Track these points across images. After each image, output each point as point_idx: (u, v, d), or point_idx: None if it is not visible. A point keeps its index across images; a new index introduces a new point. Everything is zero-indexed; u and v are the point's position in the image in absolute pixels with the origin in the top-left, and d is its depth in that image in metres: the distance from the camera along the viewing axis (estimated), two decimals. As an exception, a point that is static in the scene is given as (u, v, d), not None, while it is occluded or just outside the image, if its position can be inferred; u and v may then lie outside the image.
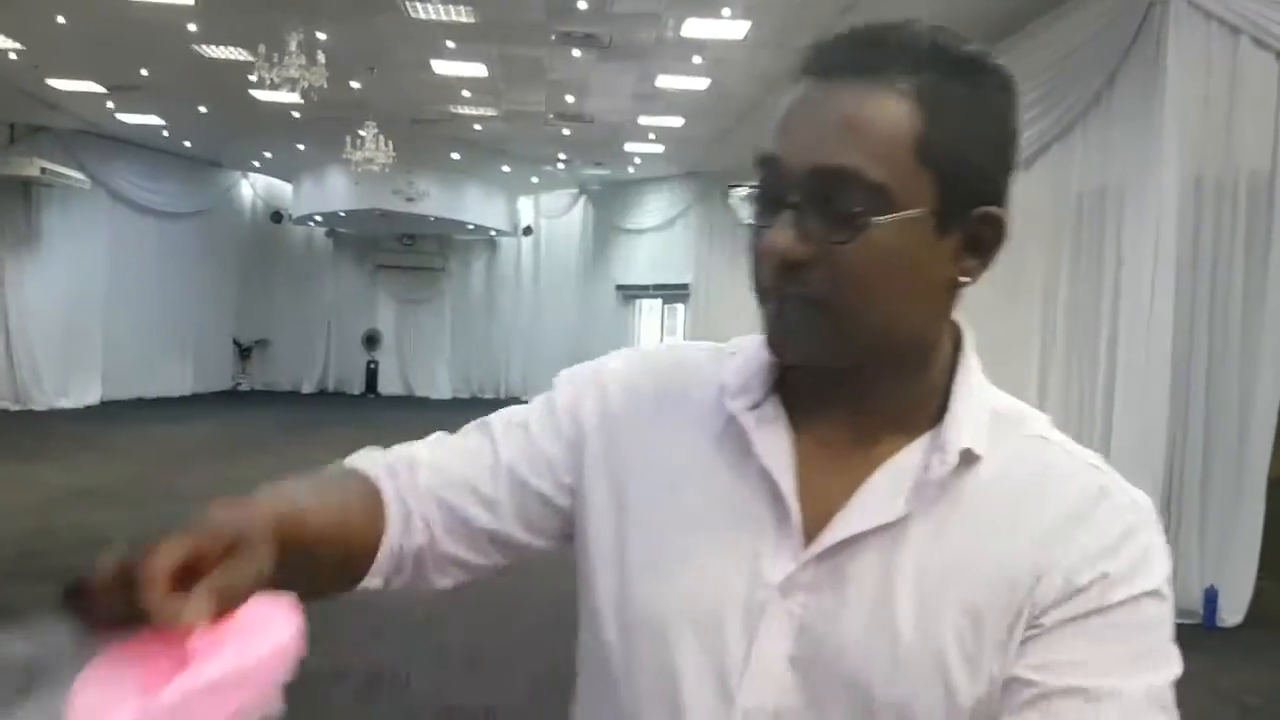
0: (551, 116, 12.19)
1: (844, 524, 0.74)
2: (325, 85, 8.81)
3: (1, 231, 13.41)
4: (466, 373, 19.07)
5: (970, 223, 0.72)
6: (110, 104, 12.24)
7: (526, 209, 18.65)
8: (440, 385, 18.89)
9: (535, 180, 17.27)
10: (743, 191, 0.74)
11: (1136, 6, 5.70)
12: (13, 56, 10.03)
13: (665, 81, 10.23)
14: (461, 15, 8.59)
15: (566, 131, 13.00)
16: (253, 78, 9.08)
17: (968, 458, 0.74)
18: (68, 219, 14.14)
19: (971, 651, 0.70)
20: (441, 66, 10.20)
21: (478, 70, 10.30)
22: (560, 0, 8.15)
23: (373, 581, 0.82)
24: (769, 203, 0.73)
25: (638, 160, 15.01)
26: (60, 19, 8.78)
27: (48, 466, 9.35)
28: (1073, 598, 0.69)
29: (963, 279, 0.74)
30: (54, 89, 11.36)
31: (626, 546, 0.81)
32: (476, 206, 17.17)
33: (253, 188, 18.37)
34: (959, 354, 0.79)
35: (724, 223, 14.69)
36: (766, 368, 0.81)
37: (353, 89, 10.98)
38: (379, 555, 0.81)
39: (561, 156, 15.06)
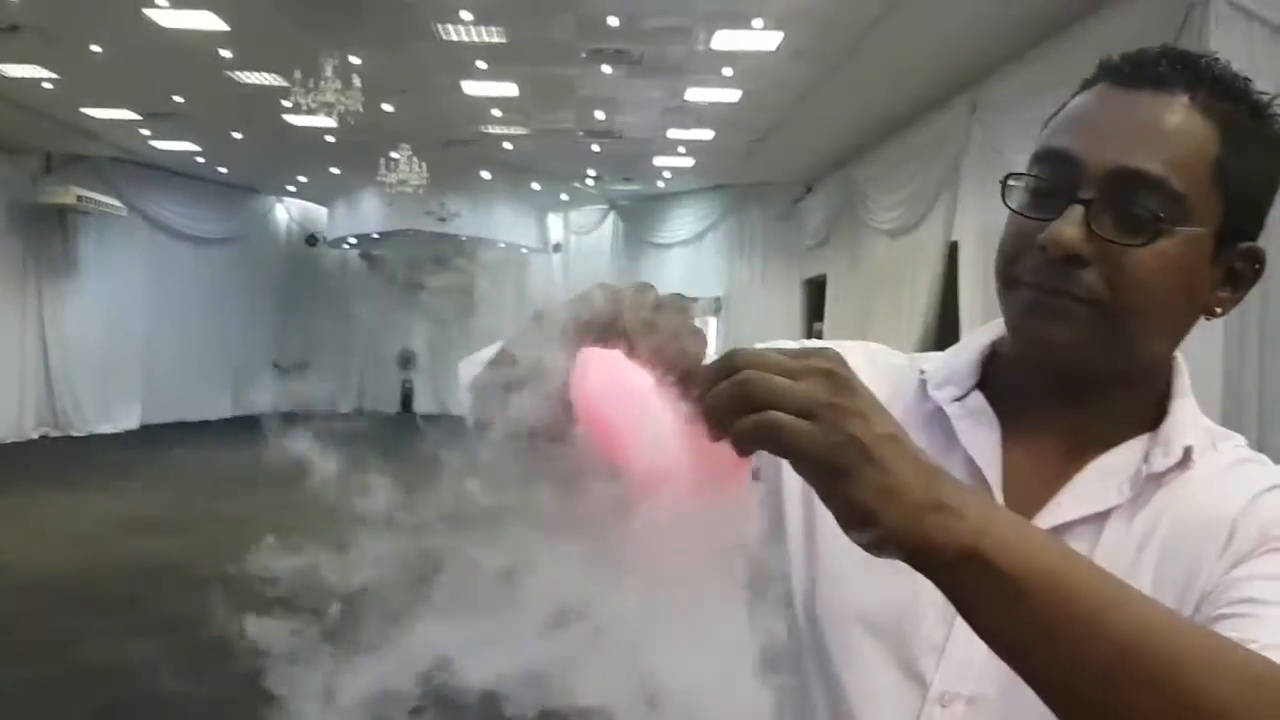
0: (581, 134, 12.20)
1: (1053, 513, 0.75)
2: (361, 110, 8.85)
3: (39, 260, 13.58)
4: (502, 391, 19.05)
5: (1236, 254, 0.74)
6: (145, 131, 12.38)
7: (556, 226, 18.67)
8: (474, 403, 18.88)
9: (565, 198, 17.28)
10: (1020, 180, 0.75)
11: (1176, 8, 5.60)
12: (48, 86, 10.16)
13: (696, 95, 10.20)
14: (493, 36, 8.61)
15: (596, 148, 13.00)
16: (286, 103, 9.14)
17: (1185, 460, 0.75)
18: (105, 246, 14.32)
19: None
20: (472, 87, 10.22)
21: (508, 90, 10.32)
22: (591, 18, 8.14)
23: None
24: (1052, 197, 0.73)
25: (667, 174, 14.97)
26: (94, 48, 8.88)
27: (93, 494, 9.41)
28: (1270, 539, 0.70)
29: (1217, 309, 0.76)
30: (89, 117, 11.50)
31: (815, 535, 0.82)
32: (507, 225, 17.22)
33: (288, 212, 18.53)
34: (1173, 370, 0.80)
35: (755, 235, 14.62)
36: (973, 363, 0.82)
37: (385, 112, 11.04)
38: None
39: (591, 173, 15.06)
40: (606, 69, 9.44)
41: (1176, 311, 0.74)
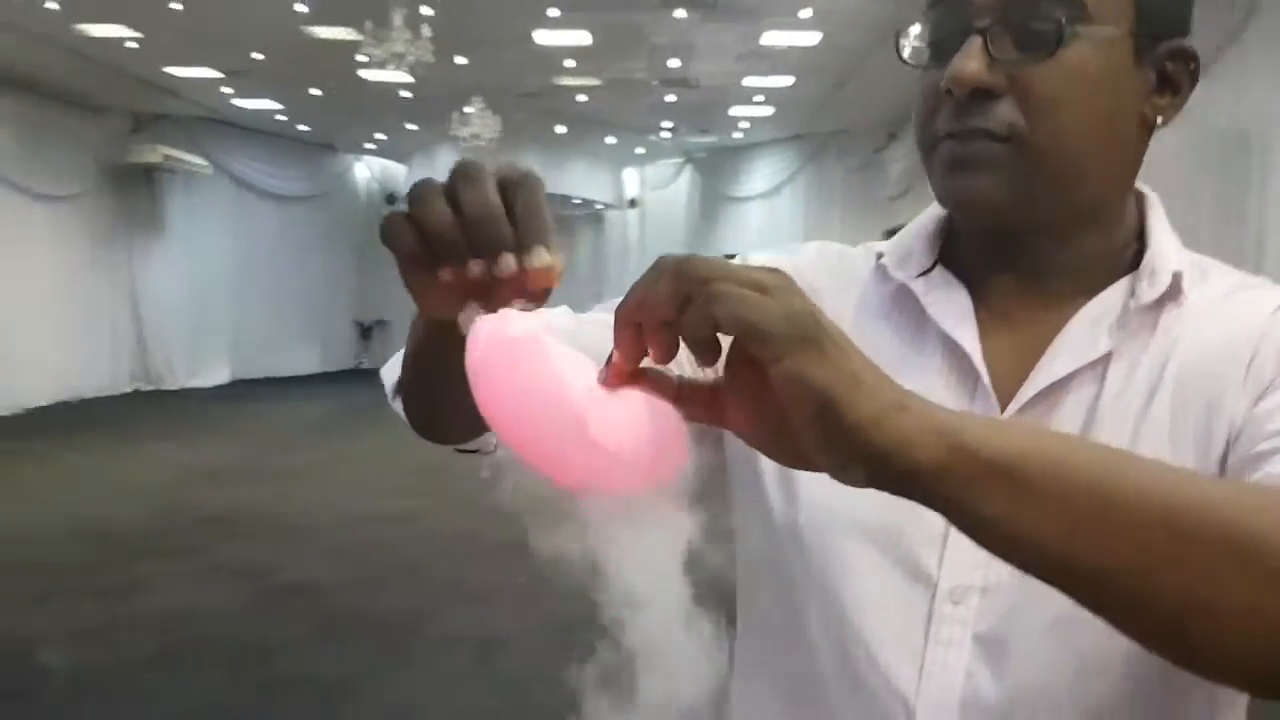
0: (655, 83, 11.99)
1: (1044, 372, 0.69)
2: (431, 59, 8.80)
3: (129, 218, 13.93)
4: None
5: (1163, 55, 0.69)
6: (226, 89, 12.55)
7: (632, 181, 18.53)
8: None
9: (640, 151, 17.11)
10: (915, 32, 0.71)
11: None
12: (132, 45, 10.32)
13: (773, 39, 9.91)
14: (563, -19, 8.47)
15: (671, 98, 12.79)
16: (361, 57, 9.13)
17: (1174, 289, 0.69)
18: (191, 204, 14.62)
19: (1204, 433, 0.66)
20: (543, 36, 10.09)
21: (580, 38, 10.17)
22: (662, -41, 7.94)
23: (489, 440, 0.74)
24: (950, 39, 0.68)
25: (744, 125, 14.69)
26: (174, 5, 8.97)
27: (172, 446, 9.65)
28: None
29: (1157, 119, 0.70)
30: (172, 76, 11.68)
31: None
32: (581, 180, 17.13)
33: (368, 169, 18.71)
34: (1144, 216, 0.74)
35: (834, 187, 14.29)
36: (930, 237, 0.76)
37: (458, 65, 10.98)
38: None
39: (666, 125, 14.85)
40: (680, 13, 9.21)
41: (1106, 127, 0.67)
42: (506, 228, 0.48)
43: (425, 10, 8.89)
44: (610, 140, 15.99)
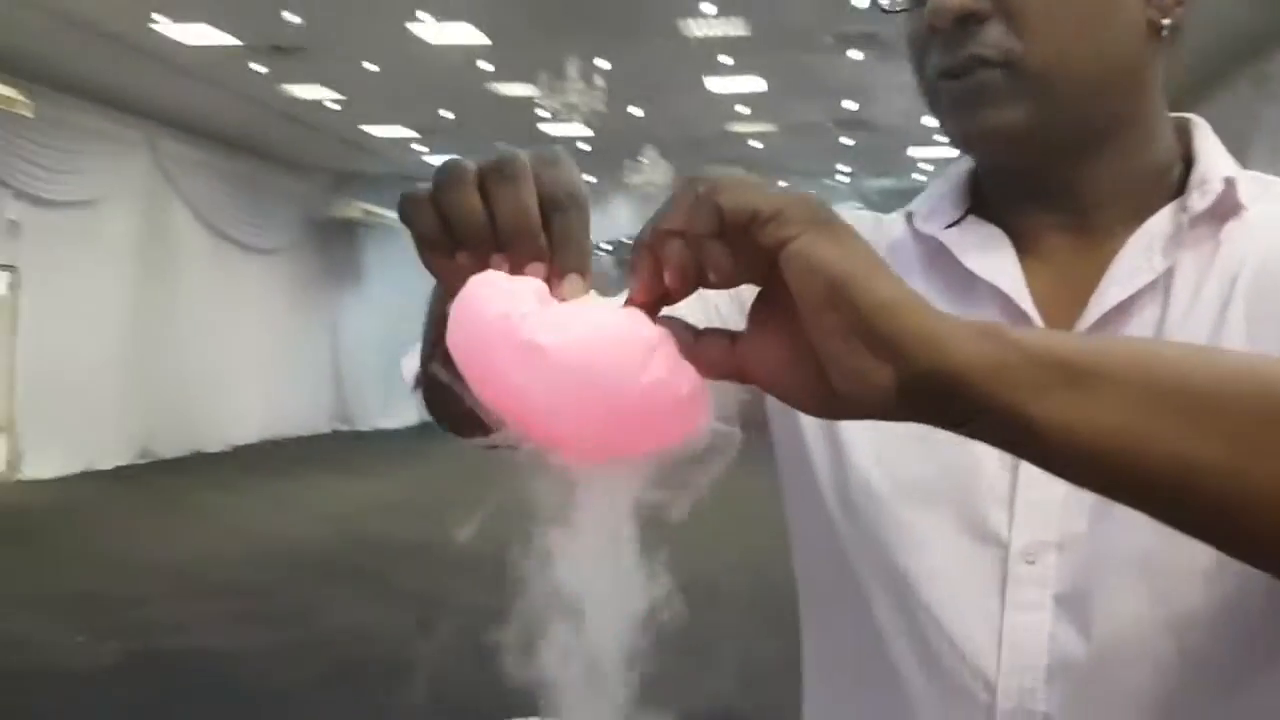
0: (831, 125, 11.92)
1: (1100, 302, 0.63)
2: (604, 109, 9.05)
3: (330, 269, 14.88)
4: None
5: None
6: (418, 147, 13.28)
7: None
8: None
9: (818, 196, 17.03)
10: None
11: None
12: (333, 106, 11.09)
13: (951, 77, 9.69)
14: (735, 28, 8.55)
15: (847, 141, 12.67)
16: (541, 112, 9.50)
17: (1231, 200, 0.63)
18: (386, 256, 15.47)
19: None
20: (716, 84, 10.22)
21: (754, 84, 10.24)
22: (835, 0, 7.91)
23: None
24: None
25: (925, 165, 14.38)
26: (370, 66, 9.59)
27: (361, 480, 10.15)
28: None
29: (1164, 21, 0.63)
30: (369, 135, 12.47)
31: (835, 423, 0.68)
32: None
33: (548, 220, 19.38)
34: (1190, 139, 0.68)
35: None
36: (959, 187, 0.70)
37: (632, 116, 11.26)
38: None
39: (842, 169, 14.72)
40: (855, 54, 9.14)
41: (1105, 35, 0.62)
42: (541, 246, 0.45)
43: (600, 63, 9.17)
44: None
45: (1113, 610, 0.59)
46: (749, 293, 0.44)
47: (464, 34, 8.72)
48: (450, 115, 11.57)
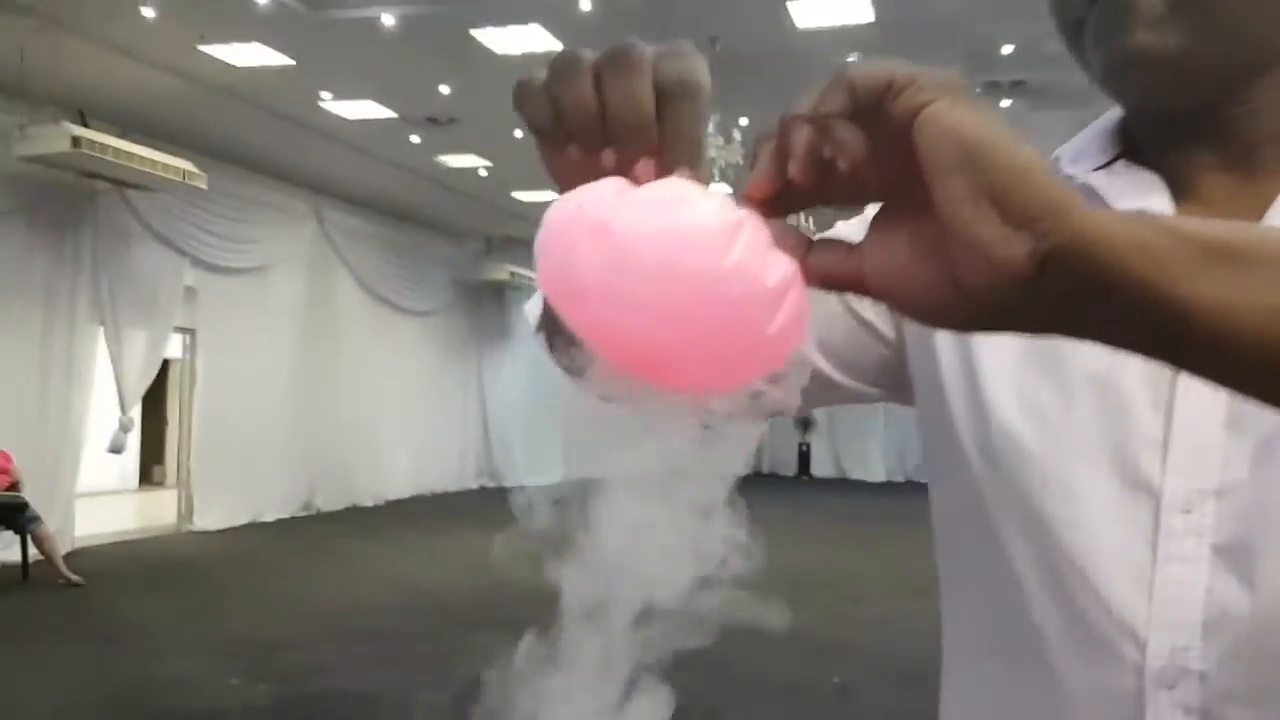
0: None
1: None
2: (740, 162, 9.09)
3: (480, 330, 15.33)
4: (901, 454, 18.50)
5: None
6: (565, 210, 13.63)
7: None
8: (873, 467, 18.55)
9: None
10: None
11: None
12: (483, 174, 11.50)
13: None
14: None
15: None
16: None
17: None
18: (534, 317, 15.89)
19: None
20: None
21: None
22: (982, 47, 7.75)
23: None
24: None
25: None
26: (518, 134, 9.91)
27: (508, 533, 10.30)
28: None
29: None
30: (518, 200, 12.86)
31: (976, 365, 0.65)
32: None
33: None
34: None
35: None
36: (1109, 132, 0.66)
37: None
38: None
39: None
40: (1005, 102, 8.92)
41: None
42: (652, 137, 0.43)
43: (741, 121, 9.24)
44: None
45: (1278, 562, 0.53)
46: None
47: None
48: (595, 178, 11.85)
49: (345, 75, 8.35)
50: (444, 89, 8.71)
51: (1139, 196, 0.61)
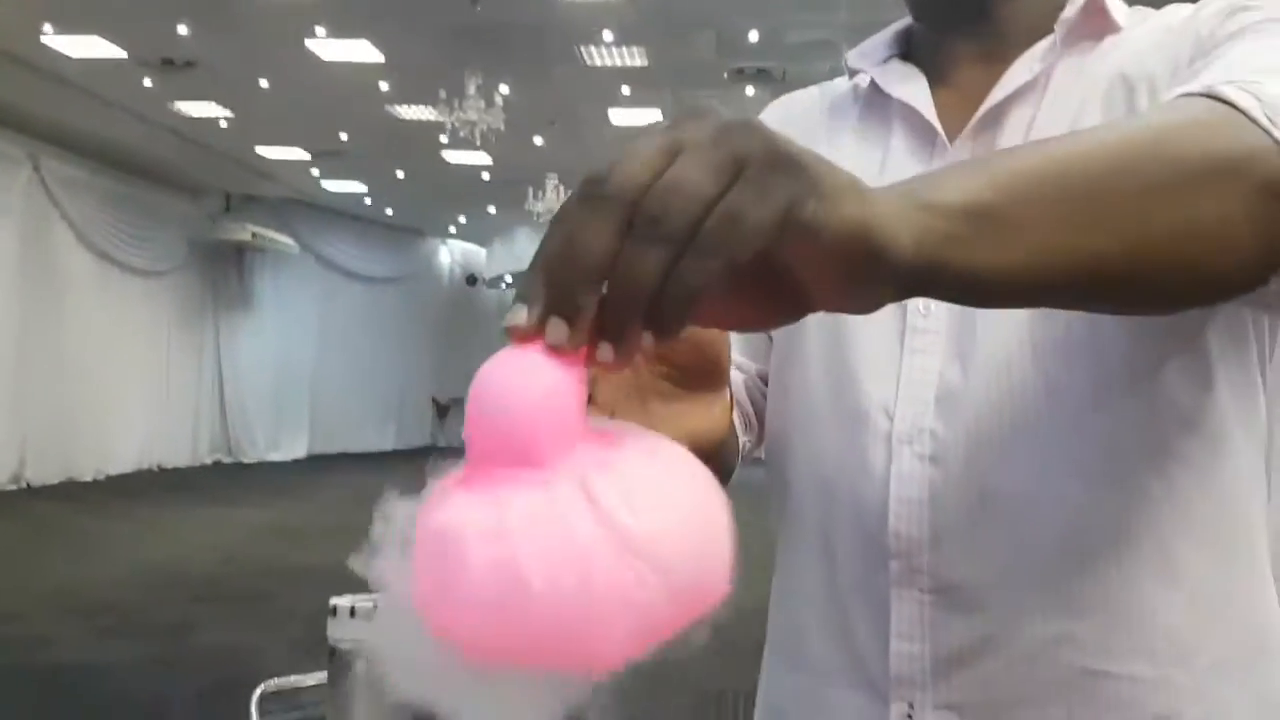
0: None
1: (984, 107, 0.73)
2: (504, 128, 9.07)
3: (217, 294, 14.47)
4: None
5: None
6: (315, 171, 13.06)
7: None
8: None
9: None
10: None
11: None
12: (224, 125, 10.84)
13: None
14: (635, 59, 8.67)
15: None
16: (443, 138, 9.43)
17: (1105, 18, 0.72)
18: (278, 283, 15.12)
19: None
20: (619, 115, 10.33)
21: (654, 116, 10.37)
22: (731, 34, 8.09)
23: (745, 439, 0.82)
24: None
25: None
26: (263, 83, 9.42)
27: (246, 510, 9.83)
28: (1206, 40, 0.66)
29: None
30: (263, 157, 12.22)
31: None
32: (659, 262, 17.29)
33: (450, 254, 19.21)
34: None
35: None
36: (891, 35, 0.82)
37: (535, 146, 11.29)
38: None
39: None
40: (750, 90, 9.36)
41: None
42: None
43: (501, 88, 9.20)
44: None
45: (990, 349, 0.68)
46: None
47: (362, 52, 8.63)
48: (346, 137, 11.42)
49: (70, 6, 7.63)
50: (182, 29, 8.12)
51: (905, 81, 0.77)
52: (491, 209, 15.35)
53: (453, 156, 11.86)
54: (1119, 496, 0.66)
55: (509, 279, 18.13)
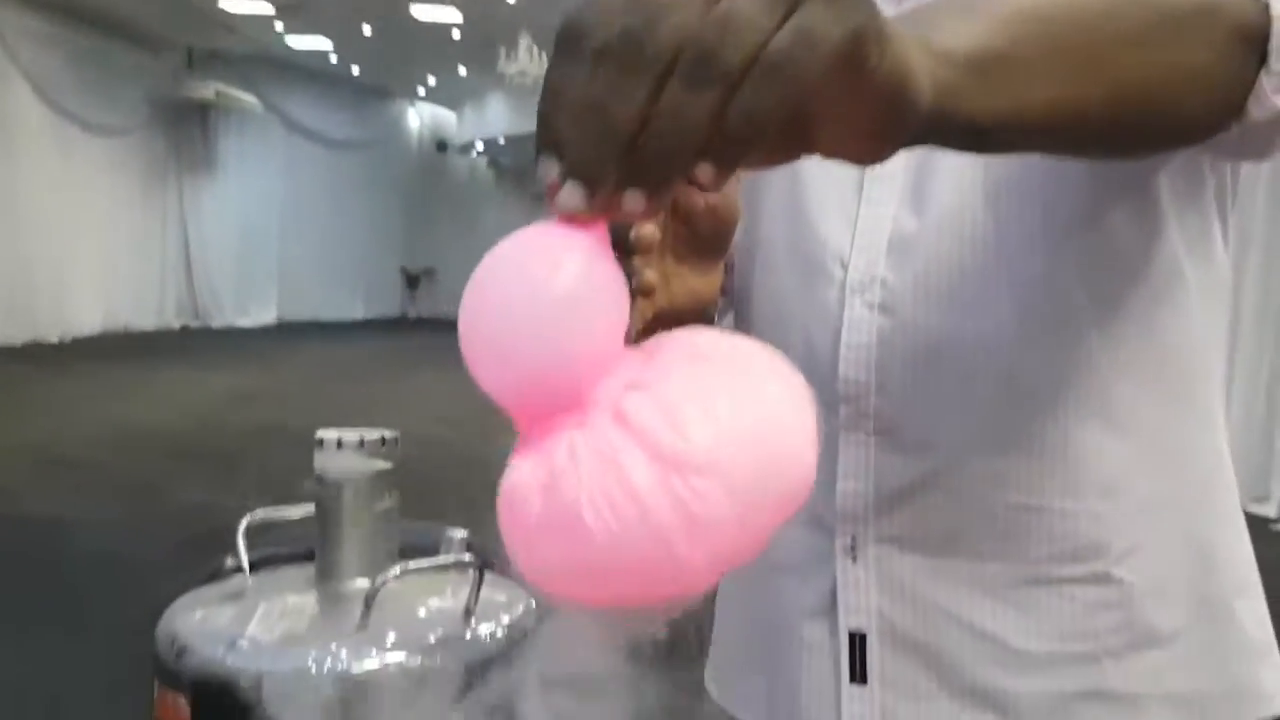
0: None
1: None
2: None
3: (180, 154, 14.08)
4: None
5: None
6: (279, 25, 12.58)
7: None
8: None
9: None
10: None
11: None
12: (186, -26, 10.36)
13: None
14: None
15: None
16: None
17: None
18: (243, 145, 14.74)
19: None
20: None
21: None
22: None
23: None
24: None
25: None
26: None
27: (217, 374, 9.78)
28: None
29: None
30: (226, 11, 11.72)
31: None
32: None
33: (419, 117, 18.74)
34: None
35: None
36: None
37: (508, 4, 10.91)
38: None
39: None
40: None
41: None
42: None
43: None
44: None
45: (944, 196, 0.68)
46: None
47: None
48: (312, -9, 10.96)
49: None
50: None
51: None
52: (462, 70, 14.91)
53: (420, 12, 11.45)
54: (1059, 341, 0.68)
55: (480, 146, 17.79)
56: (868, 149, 0.40)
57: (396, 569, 0.54)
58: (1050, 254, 0.67)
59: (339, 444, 0.59)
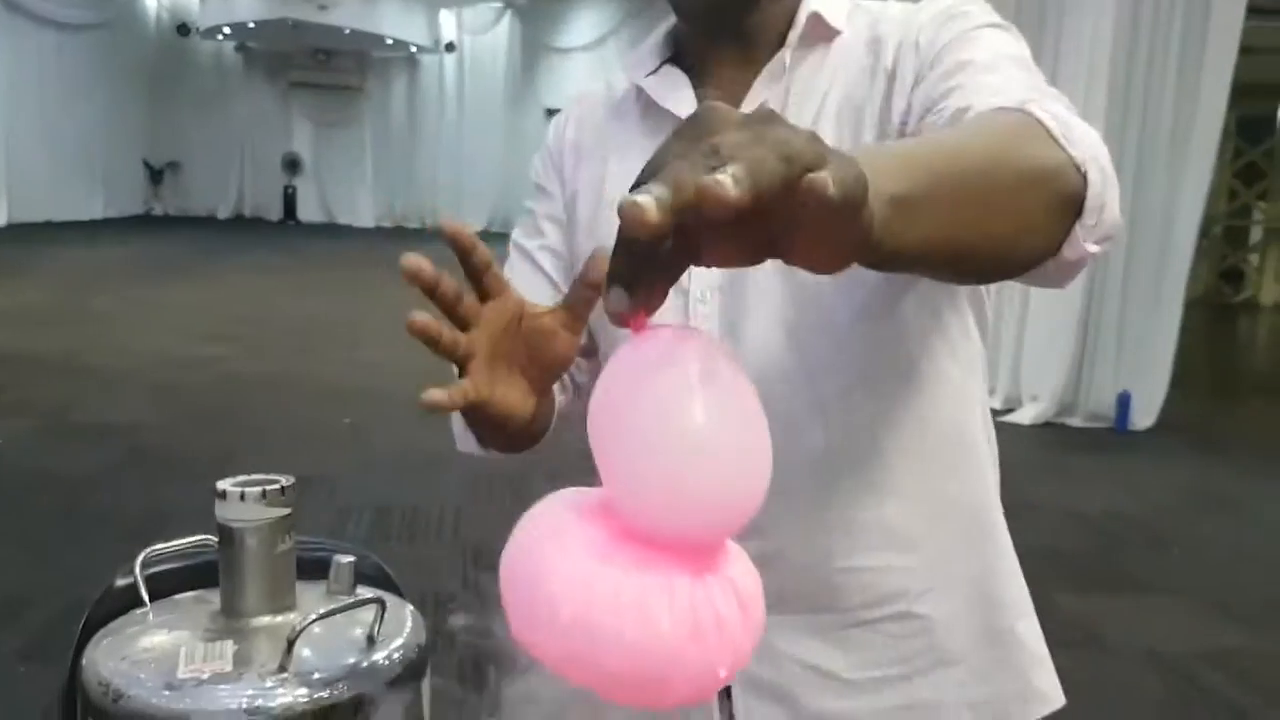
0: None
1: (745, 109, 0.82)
2: None
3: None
4: (390, 200, 18.50)
5: None
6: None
7: (449, 24, 17.76)
8: (362, 213, 18.33)
9: (458, -8, 16.38)
10: None
11: None
12: None
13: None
14: None
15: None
16: None
17: (823, 27, 0.84)
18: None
19: (855, 135, 0.82)
20: None
21: None
22: None
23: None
24: None
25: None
26: None
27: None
28: (928, 48, 0.79)
29: None
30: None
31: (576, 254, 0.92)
32: (394, 19, 16.30)
33: (156, -2, 17.21)
34: None
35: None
36: (658, 42, 0.91)
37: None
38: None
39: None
40: None
41: None
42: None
43: None
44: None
45: (754, 330, 0.83)
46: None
47: None
48: None
49: None
50: None
51: (674, 90, 0.88)
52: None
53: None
54: (854, 441, 0.84)
55: (227, 30, 16.53)
56: (830, 259, 0.45)
57: (313, 615, 0.67)
58: (843, 374, 0.82)
59: (242, 496, 0.72)
